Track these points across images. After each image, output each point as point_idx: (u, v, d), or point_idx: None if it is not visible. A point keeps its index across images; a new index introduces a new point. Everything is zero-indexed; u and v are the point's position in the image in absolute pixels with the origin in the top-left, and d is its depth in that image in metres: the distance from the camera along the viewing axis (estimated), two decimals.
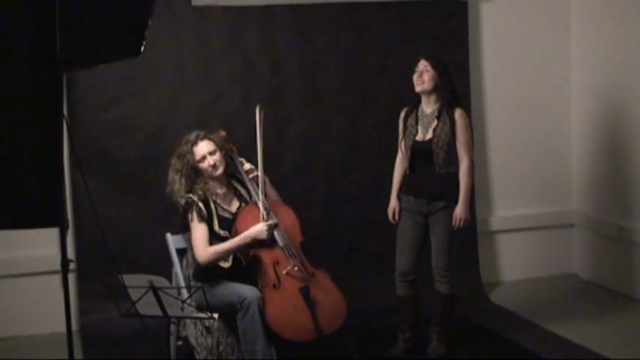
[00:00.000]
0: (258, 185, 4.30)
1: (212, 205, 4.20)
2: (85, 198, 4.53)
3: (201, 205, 4.15)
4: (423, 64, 4.42)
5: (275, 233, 4.20)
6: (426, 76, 4.41)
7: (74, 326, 4.02)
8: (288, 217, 4.33)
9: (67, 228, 3.16)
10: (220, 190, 4.29)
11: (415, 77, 4.44)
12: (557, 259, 6.15)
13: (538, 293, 5.78)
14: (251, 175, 4.33)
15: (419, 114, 4.51)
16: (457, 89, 4.55)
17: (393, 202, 4.65)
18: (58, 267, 3.22)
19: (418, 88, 4.45)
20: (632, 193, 5.56)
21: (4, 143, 2.98)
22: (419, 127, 4.49)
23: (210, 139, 4.25)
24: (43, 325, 5.13)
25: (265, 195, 4.29)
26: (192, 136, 4.26)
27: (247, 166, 4.37)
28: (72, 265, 3.75)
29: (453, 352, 4.60)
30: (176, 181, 4.21)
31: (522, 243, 6.08)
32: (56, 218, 3.09)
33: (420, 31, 5.62)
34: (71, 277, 5.00)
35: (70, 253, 4.21)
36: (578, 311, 5.38)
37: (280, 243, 4.21)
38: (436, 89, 4.43)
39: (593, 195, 5.96)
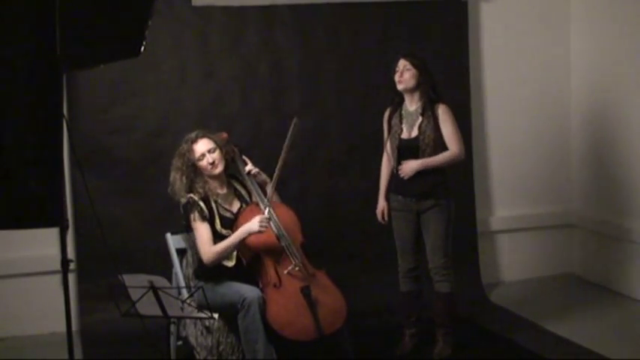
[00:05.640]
0: (260, 186, 4.32)
1: (213, 205, 4.21)
2: (85, 198, 4.53)
3: (202, 204, 4.16)
4: (402, 64, 4.45)
5: (276, 230, 4.21)
6: (407, 75, 4.43)
7: (74, 326, 4.02)
8: (289, 217, 4.35)
9: (67, 228, 3.16)
10: (221, 191, 4.29)
11: (396, 77, 4.46)
12: (557, 259, 6.15)
13: (538, 293, 5.78)
14: (253, 177, 4.34)
15: (402, 112, 4.52)
16: (438, 85, 4.56)
17: (381, 203, 4.66)
18: (58, 267, 3.23)
19: (400, 87, 4.47)
20: (632, 193, 5.56)
21: (4, 143, 2.98)
22: (403, 125, 4.50)
23: (209, 137, 4.28)
24: (43, 325, 5.13)
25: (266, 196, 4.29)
26: (193, 134, 4.29)
27: (249, 166, 4.37)
28: (72, 265, 3.75)
29: (453, 353, 4.59)
30: (177, 180, 4.22)
31: (522, 243, 6.08)
32: (56, 218, 3.09)
33: (420, 31, 5.62)
34: (71, 277, 5.00)
35: (70, 253, 4.20)
36: (578, 311, 5.38)
37: (281, 243, 4.22)
38: (418, 87, 4.45)
39: (593, 195, 5.96)
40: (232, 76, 5.38)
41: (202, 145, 4.23)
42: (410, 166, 4.42)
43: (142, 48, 3.01)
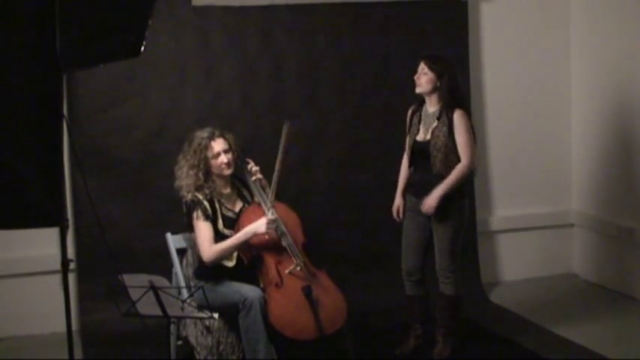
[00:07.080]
0: (262, 187, 4.31)
1: (217, 205, 4.20)
2: (85, 198, 4.53)
3: (206, 204, 4.16)
4: (421, 66, 4.41)
5: (278, 232, 4.21)
6: (423, 79, 4.39)
7: (74, 326, 4.02)
8: (291, 218, 4.35)
9: (67, 228, 3.16)
10: (225, 191, 4.29)
11: (415, 78, 4.44)
12: (557, 259, 6.15)
13: (538, 293, 5.78)
14: (254, 178, 4.34)
15: (422, 113, 4.50)
16: (460, 90, 4.51)
17: (398, 200, 4.64)
18: (58, 267, 3.23)
19: (417, 90, 4.44)
20: (632, 192, 5.56)
21: (5, 143, 2.99)
22: (421, 126, 4.48)
23: (225, 137, 4.27)
24: (43, 325, 5.13)
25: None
26: (208, 131, 4.25)
27: (252, 166, 4.37)
28: (72, 265, 3.75)
29: (453, 353, 4.59)
30: (191, 176, 4.17)
31: (522, 243, 6.08)
32: (56, 218, 3.10)
33: (420, 31, 5.62)
34: (71, 277, 5.00)
35: (70, 253, 4.21)
36: (578, 311, 5.38)
37: (283, 243, 4.22)
38: (435, 91, 4.41)
39: (593, 195, 5.96)
40: (232, 76, 5.37)
41: (219, 144, 4.22)
42: (430, 205, 4.34)
43: (142, 48, 3.01)
